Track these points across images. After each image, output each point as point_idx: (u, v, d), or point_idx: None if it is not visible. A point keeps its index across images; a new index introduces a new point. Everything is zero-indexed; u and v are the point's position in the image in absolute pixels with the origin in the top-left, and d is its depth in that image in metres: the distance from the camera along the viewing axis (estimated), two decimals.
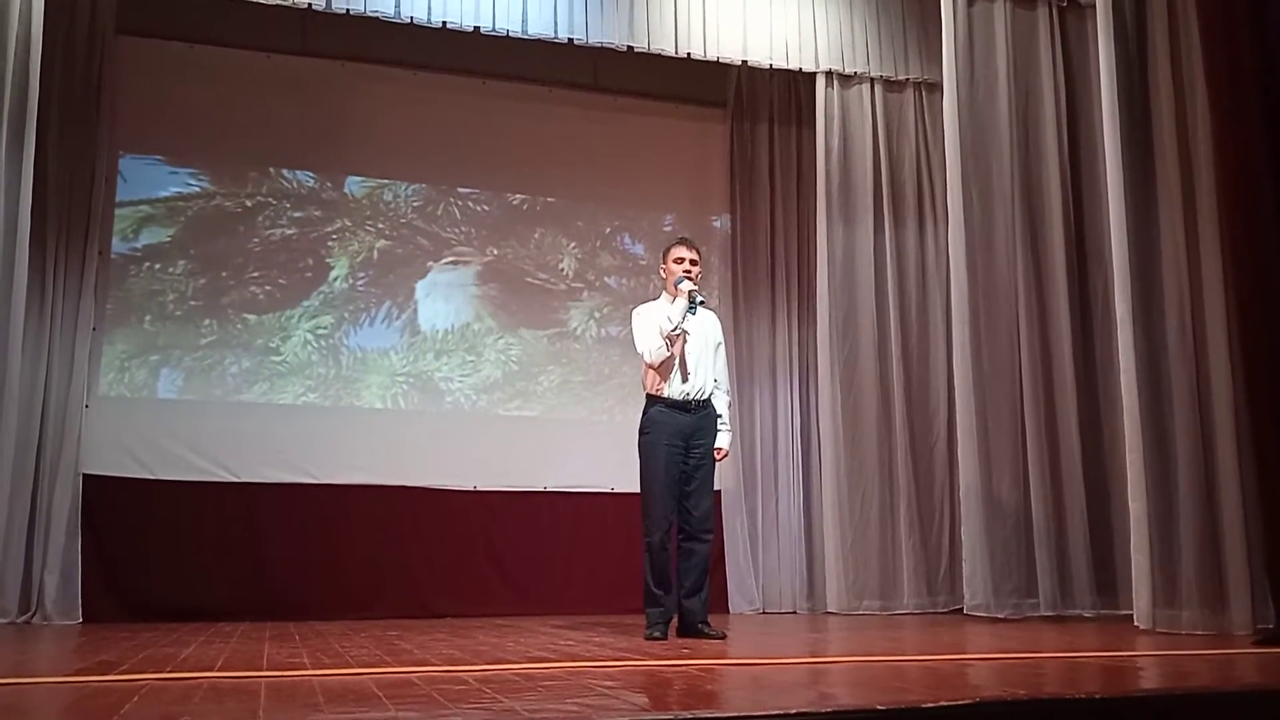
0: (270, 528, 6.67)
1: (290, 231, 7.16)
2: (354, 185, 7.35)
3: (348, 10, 6.28)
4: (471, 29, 6.54)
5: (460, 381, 7.37)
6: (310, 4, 6.19)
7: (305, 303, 7.11)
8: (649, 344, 4.87)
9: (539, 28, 6.66)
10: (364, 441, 6.98)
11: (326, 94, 7.28)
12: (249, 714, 2.40)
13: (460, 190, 7.56)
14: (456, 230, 7.52)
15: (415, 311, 7.34)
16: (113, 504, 6.40)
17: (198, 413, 6.74)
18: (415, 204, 7.46)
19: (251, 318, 6.99)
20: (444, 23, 6.47)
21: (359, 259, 7.28)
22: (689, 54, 7.00)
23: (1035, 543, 6.26)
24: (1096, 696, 2.60)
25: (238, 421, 6.79)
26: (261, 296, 7.04)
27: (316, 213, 7.24)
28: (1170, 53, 5.34)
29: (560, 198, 7.77)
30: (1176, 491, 5.07)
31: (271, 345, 7.01)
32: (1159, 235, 5.31)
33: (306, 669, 3.38)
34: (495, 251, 7.57)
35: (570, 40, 6.76)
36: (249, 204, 7.11)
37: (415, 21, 6.40)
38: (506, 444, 7.26)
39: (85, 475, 6.36)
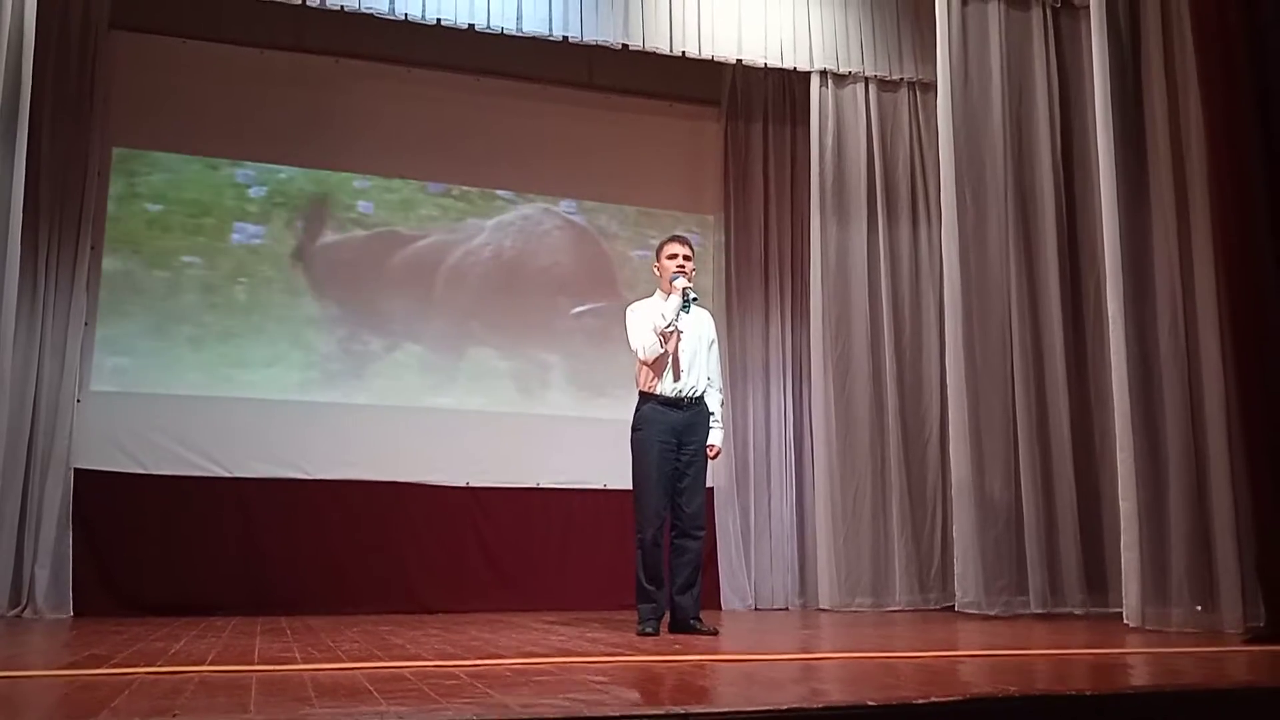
0: (262, 523, 6.66)
1: (283, 227, 7.15)
2: (347, 181, 7.34)
3: (342, 7, 6.27)
4: (466, 26, 6.53)
5: (452, 378, 7.36)
6: (304, 0, 6.18)
7: (297, 298, 7.10)
8: (643, 341, 4.88)
9: (533, 25, 6.66)
10: (356, 437, 6.97)
11: (320, 90, 7.26)
12: (240, 708, 2.40)
13: (454, 187, 7.55)
14: (449, 227, 7.51)
15: (407, 307, 7.32)
16: (104, 498, 6.39)
17: (189, 407, 6.72)
18: (408, 200, 7.45)
19: (243, 313, 6.97)
20: (438, 20, 6.46)
21: (352, 255, 7.26)
22: (683, 52, 7.01)
23: (1026, 540, 6.29)
24: (1087, 693, 2.61)
25: (230, 416, 6.77)
26: (254, 292, 7.02)
27: (309, 208, 7.22)
28: (1163, 53, 5.35)
29: (554, 195, 7.77)
30: (1167, 490, 5.09)
31: (263, 341, 6.99)
32: (1151, 235, 5.33)
33: (298, 663, 3.38)
34: (488, 249, 7.56)
35: (565, 38, 6.75)
36: (241, 199, 7.09)
37: (409, 18, 6.39)
38: (499, 440, 7.24)
39: (76, 469, 6.35)
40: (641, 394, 4.95)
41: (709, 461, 5.01)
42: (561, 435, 7.37)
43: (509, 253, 7.61)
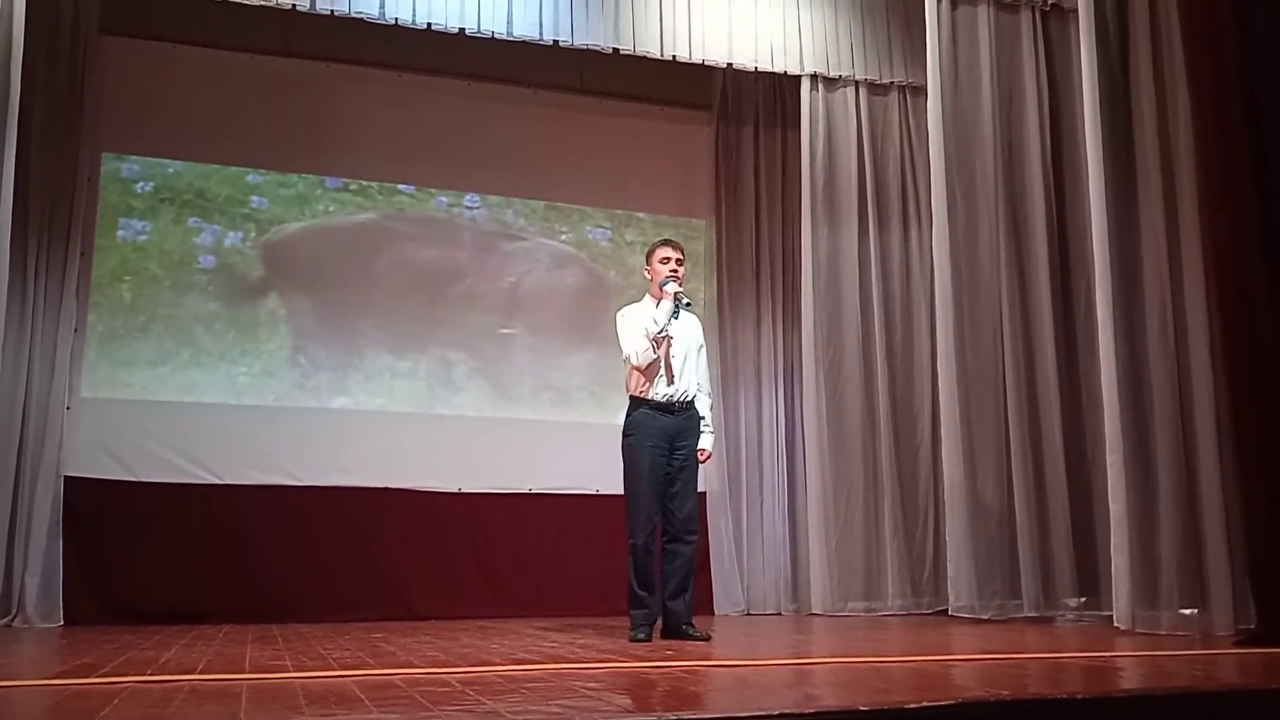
0: (254, 530, 6.63)
1: (274, 233, 7.13)
2: (337, 187, 7.32)
3: (332, 11, 6.26)
4: (456, 30, 6.53)
5: (444, 384, 7.35)
6: (294, 5, 6.17)
7: (289, 304, 7.08)
8: (635, 346, 4.88)
9: (524, 29, 6.66)
10: (348, 443, 6.95)
11: (310, 95, 7.25)
12: (230, 717, 2.39)
13: (444, 192, 7.55)
14: (440, 232, 7.50)
15: (398, 313, 7.30)
16: (95, 506, 6.36)
17: (180, 414, 6.70)
18: (398, 205, 7.45)
19: (235, 319, 6.96)
20: (429, 24, 6.46)
21: (342, 260, 7.24)
22: (674, 56, 7.02)
23: (1019, 544, 6.29)
24: (1079, 697, 2.62)
25: (221, 423, 6.75)
26: (245, 298, 7.00)
27: (300, 214, 7.21)
28: (1152, 56, 5.37)
29: (545, 200, 7.77)
30: (1157, 493, 5.10)
31: (255, 347, 6.98)
32: (1140, 238, 5.34)
33: (289, 671, 3.37)
34: (479, 254, 7.55)
35: (555, 42, 6.76)
36: (232, 205, 7.07)
37: (400, 23, 6.39)
38: (491, 446, 7.23)
39: (67, 477, 6.32)
40: (632, 399, 4.94)
41: (700, 466, 5.01)
42: (553, 440, 7.36)
43: (496, 257, 7.60)
